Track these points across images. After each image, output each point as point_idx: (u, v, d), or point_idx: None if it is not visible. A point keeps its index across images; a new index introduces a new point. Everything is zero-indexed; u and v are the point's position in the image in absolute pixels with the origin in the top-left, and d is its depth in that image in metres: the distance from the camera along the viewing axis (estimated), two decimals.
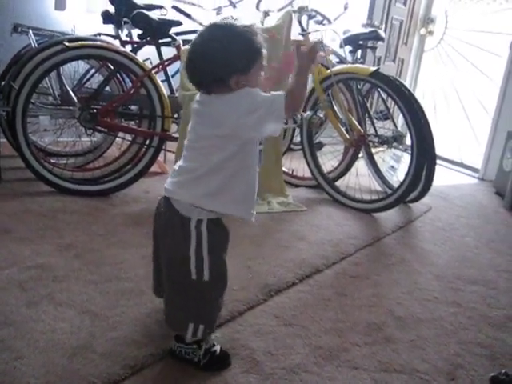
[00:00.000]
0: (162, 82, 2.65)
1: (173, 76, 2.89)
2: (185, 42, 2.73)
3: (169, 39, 2.72)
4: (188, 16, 2.88)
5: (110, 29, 2.95)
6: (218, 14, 3.25)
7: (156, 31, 2.66)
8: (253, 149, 1.27)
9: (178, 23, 2.71)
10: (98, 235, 2.08)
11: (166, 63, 2.67)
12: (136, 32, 2.89)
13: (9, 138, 2.70)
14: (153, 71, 2.56)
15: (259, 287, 1.77)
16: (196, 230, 1.23)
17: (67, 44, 2.45)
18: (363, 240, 2.32)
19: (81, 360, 1.30)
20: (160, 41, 2.78)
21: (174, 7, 2.85)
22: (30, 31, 2.69)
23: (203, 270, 1.25)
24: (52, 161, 2.77)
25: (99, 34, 2.89)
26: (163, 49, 2.80)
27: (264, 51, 1.22)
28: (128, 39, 2.96)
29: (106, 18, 2.90)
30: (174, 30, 2.83)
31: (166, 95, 2.55)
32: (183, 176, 1.26)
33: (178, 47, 2.65)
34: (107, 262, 1.84)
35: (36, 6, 3.17)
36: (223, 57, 1.17)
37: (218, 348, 1.36)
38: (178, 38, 2.67)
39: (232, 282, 1.74)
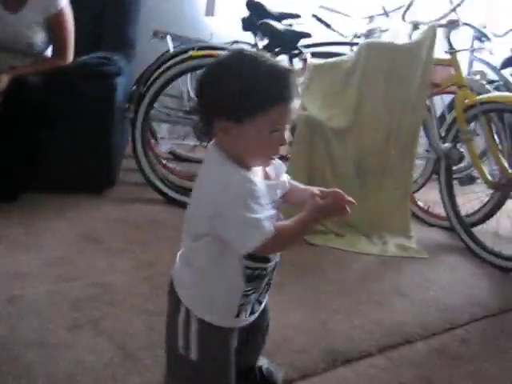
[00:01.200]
0: None
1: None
2: (320, 54, 2.53)
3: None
4: (328, 26, 2.67)
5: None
6: (369, 23, 2.98)
7: (282, 42, 2.49)
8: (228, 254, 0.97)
9: (307, 35, 2.51)
10: None
11: None
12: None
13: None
14: None
15: (324, 352, 1.51)
16: (183, 323, 1.01)
17: (192, 53, 2.43)
18: (485, 308, 1.88)
19: None
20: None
21: (315, 16, 2.66)
22: (168, 37, 2.72)
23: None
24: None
25: (236, 42, 2.82)
26: None
27: (284, 108, 0.91)
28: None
29: (245, 24, 2.81)
30: (312, 40, 2.65)
31: None
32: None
33: (304, 61, 2.46)
34: None
35: (186, 11, 3.22)
36: (217, 89, 0.91)
37: None
38: (306, 50, 2.48)
39: (295, 339, 1.55)
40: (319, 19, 2.66)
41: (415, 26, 2.52)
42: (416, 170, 2.66)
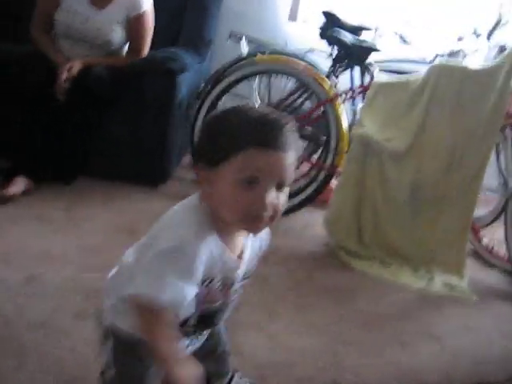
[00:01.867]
0: None
1: None
2: (391, 71, 2.42)
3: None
4: (407, 43, 2.53)
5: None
6: (457, 42, 2.79)
7: (350, 54, 2.39)
8: None
9: (375, 49, 2.39)
10: None
11: (356, 92, 2.39)
12: None
13: None
14: (339, 98, 2.31)
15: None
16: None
17: (256, 58, 2.41)
18: None
19: None
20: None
21: (396, 32, 2.54)
22: (243, 39, 2.71)
23: None
24: None
25: (312, 50, 2.76)
26: None
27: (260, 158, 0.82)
28: None
29: (322, 33, 2.74)
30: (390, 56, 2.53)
31: (345, 128, 2.29)
32: None
33: (371, 76, 2.35)
34: None
35: (268, 16, 3.19)
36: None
37: None
38: (375, 65, 2.36)
39: (298, 365, 1.48)
40: (400, 35, 2.53)
41: (501, 49, 2.32)
42: (488, 205, 2.46)
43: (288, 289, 1.90)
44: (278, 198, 0.85)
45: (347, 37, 2.34)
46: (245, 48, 2.71)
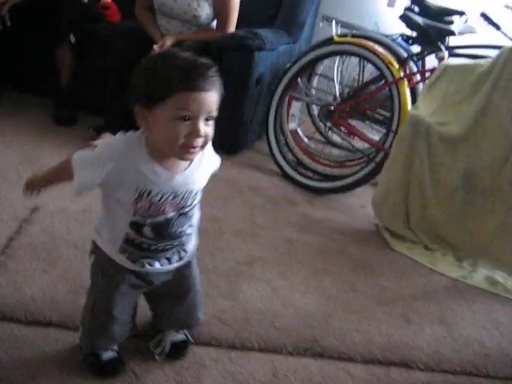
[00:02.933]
0: None
1: None
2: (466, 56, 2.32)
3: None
4: (497, 27, 2.39)
5: None
6: None
7: (424, 37, 2.33)
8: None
9: (451, 33, 2.29)
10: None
11: (424, 75, 2.33)
12: None
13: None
14: (406, 80, 2.29)
15: (303, 339, 1.50)
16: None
17: (334, 38, 2.47)
18: None
19: None
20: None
21: (483, 15, 2.41)
22: (333, 22, 2.77)
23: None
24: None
25: (402, 36, 2.72)
26: None
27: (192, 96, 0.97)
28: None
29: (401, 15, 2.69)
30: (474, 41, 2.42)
31: (408, 110, 2.26)
32: None
33: (440, 59, 2.27)
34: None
35: (367, 1, 3.19)
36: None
37: (107, 355, 1.29)
38: (445, 51, 2.28)
39: (284, 318, 1.57)
40: (488, 18, 2.39)
41: None
42: None
43: (314, 256, 1.97)
44: (207, 128, 1.02)
45: (420, 19, 2.29)
46: (336, 31, 2.77)
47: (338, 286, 1.80)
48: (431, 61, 2.45)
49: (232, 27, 2.67)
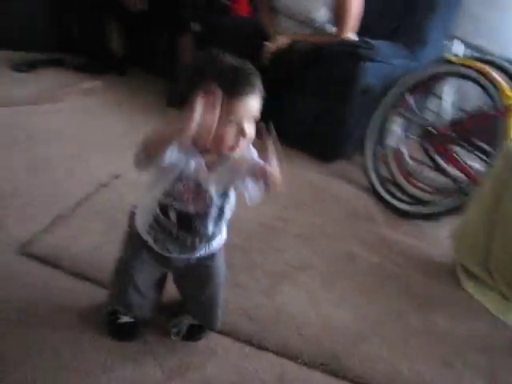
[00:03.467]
0: None
1: None
2: None
3: None
4: None
5: None
6: None
7: None
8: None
9: None
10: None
11: None
12: None
13: None
14: None
15: (323, 354, 1.47)
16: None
17: (449, 57, 2.35)
18: None
19: None
20: None
21: None
22: (455, 41, 2.64)
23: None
24: None
25: None
26: None
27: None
28: None
29: None
30: None
31: None
32: None
33: None
34: None
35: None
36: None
37: (125, 318, 1.38)
38: None
39: (307, 326, 1.55)
40: None
41: None
42: None
43: (368, 275, 1.90)
44: (249, 129, 1.09)
45: None
46: (458, 51, 2.63)
47: (381, 310, 1.73)
48: None
49: (347, 31, 2.65)
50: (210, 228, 1.24)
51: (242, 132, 1.08)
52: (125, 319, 1.38)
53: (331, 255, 1.96)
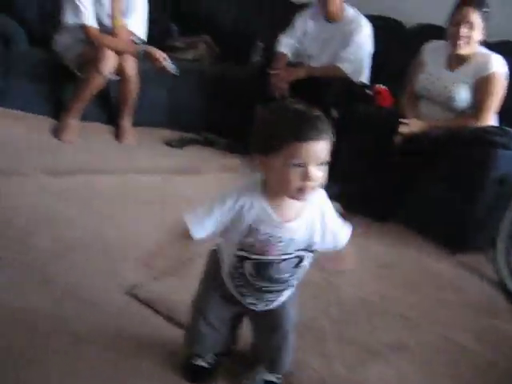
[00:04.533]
0: None
1: None
2: None
3: None
4: None
5: None
6: None
7: None
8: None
9: None
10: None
11: None
12: None
13: None
14: None
15: None
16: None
17: None
18: None
19: None
20: None
21: None
22: None
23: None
24: None
25: None
26: None
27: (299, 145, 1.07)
28: None
29: None
30: None
31: None
32: None
33: None
34: None
35: None
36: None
37: (199, 362, 1.40)
38: None
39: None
40: None
41: None
42: None
43: (472, 367, 1.68)
44: (319, 173, 1.11)
45: None
46: None
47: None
48: None
49: (488, 117, 2.53)
50: (287, 277, 1.25)
51: (306, 176, 1.09)
52: (199, 362, 1.41)
53: (435, 342, 1.78)
